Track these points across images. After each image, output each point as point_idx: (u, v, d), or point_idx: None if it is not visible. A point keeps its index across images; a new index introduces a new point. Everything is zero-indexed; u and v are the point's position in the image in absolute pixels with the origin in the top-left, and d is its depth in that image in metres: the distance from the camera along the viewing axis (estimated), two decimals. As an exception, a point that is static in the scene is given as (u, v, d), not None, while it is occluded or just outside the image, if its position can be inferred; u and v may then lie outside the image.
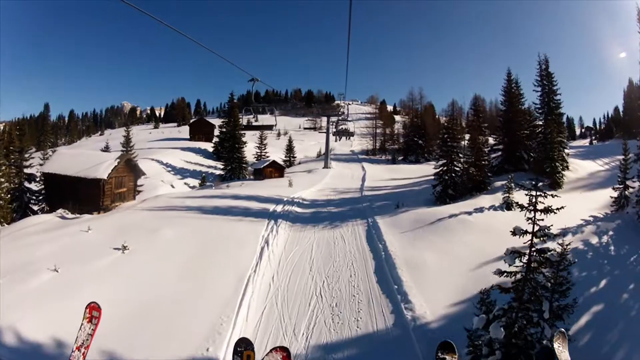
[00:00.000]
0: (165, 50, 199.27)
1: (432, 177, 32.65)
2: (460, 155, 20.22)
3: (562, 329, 4.44)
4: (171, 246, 14.07)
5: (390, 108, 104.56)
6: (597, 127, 75.85)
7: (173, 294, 10.55)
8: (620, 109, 62.72)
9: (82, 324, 3.60)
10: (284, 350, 3.06)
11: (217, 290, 10.74)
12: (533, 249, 6.78)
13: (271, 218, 16.82)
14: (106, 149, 33.90)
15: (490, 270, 12.76)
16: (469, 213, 16.44)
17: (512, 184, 19.06)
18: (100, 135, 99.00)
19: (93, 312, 3.61)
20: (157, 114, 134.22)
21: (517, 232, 6.48)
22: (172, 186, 30.74)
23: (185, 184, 41.39)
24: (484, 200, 19.11)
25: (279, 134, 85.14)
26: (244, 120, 35.83)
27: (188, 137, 64.63)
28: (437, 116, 70.85)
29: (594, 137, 68.92)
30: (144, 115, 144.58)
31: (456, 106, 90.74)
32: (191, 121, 70.83)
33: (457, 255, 12.72)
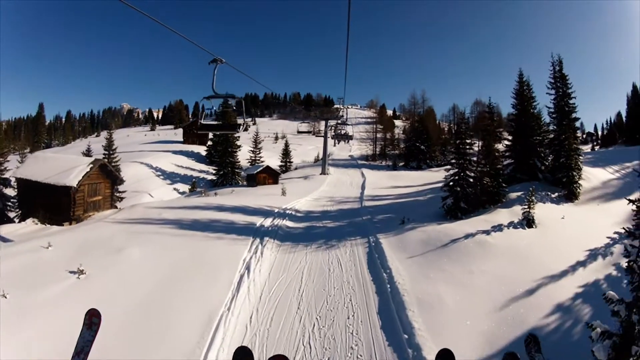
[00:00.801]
0: (166, 53, 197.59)
1: (437, 186, 30.69)
2: (473, 163, 17.94)
3: (534, 333, 3.86)
4: (134, 271, 11.74)
5: (389, 113, 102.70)
6: (600, 132, 74.24)
7: (122, 341, 8.21)
8: (624, 114, 61.20)
9: (81, 331, 3.48)
10: (283, 358, 2.92)
11: (178, 335, 8.40)
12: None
13: (257, 235, 14.46)
14: (87, 153, 31.49)
15: (522, 308, 10.60)
16: (487, 232, 14.14)
17: (533, 197, 16.98)
18: (97, 136, 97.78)
19: (93, 318, 3.49)
20: (155, 116, 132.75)
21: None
22: (151, 195, 28.22)
23: (175, 189, 39.12)
24: (501, 215, 16.85)
25: (276, 138, 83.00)
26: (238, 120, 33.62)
27: (182, 140, 62.49)
28: (437, 121, 68.87)
29: (595, 143, 67.09)
30: (142, 117, 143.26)
31: (457, 111, 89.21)
32: (185, 123, 68.33)
33: (479, 288, 10.41)
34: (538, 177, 24.25)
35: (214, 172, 41.06)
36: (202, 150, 52.09)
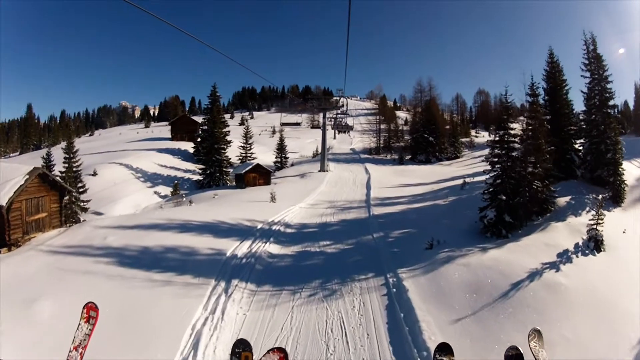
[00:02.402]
0: (164, 48, 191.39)
1: (455, 184, 25.96)
2: (520, 163, 13.35)
3: (537, 327, 3.67)
4: (35, 343, 7.56)
5: (390, 104, 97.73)
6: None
7: None
8: (631, 103, 57.78)
9: (79, 324, 3.50)
10: (281, 351, 2.87)
11: None
12: None
13: (222, 276, 10.00)
14: (47, 159, 26.91)
15: None
16: (555, 266, 9.78)
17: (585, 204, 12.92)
18: (90, 135, 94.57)
19: (90, 312, 3.51)
20: (152, 113, 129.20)
21: None
22: (99, 213, 23.22)
23: (155, 192, 34.76)
24: (559, 233, 12.54)
25: (273, 131, 78.31)
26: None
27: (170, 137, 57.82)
28: (440, 112, 64.19)
29: (599, 133, 62.80)
30: (137, 114, 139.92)
31: (460, 100, 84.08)
32: (173, 119, 63.61)
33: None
34: (575, 175, 20.28)
35: (200, 171, 36.59)
36: (190, 147, 47.48)
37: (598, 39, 22.66)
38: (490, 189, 13.06)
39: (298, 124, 35.52)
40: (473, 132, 63.46)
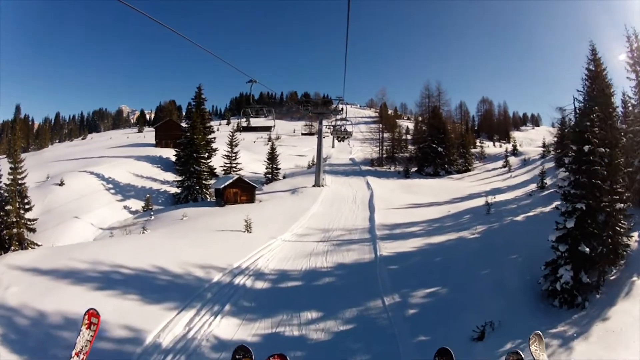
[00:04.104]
0: (163, 52, 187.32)
1: (476, 205, 21.06)
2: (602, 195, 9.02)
3: (538, 331, 3.53)
4: None
5: (391, 112, 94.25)
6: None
7: None
8: None
9: (80, 330, 3.40)
10: (281, 357, 2.94)
11: None
12: None
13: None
14: None
15: None
16: None
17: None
18: (83, 139, 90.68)
19: (92, 318, 3.39)
20: (148, 117, 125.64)
21: None
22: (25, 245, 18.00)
23: (126, 207, 30.29)
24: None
25: (269, 139, 74.28)
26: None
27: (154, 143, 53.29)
28: (442, 120, 60.08)
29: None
30: (133, 119, 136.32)
31: (464, 109, 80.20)
32: (158, 124, 59.26)
33: None
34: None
35: (177, 183, 32.20)
36: (173, 155, 42.98)
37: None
38: (565, 235, 8.66)
39: (268, 129, 23.21)
40: (477, 142, 59.57)
